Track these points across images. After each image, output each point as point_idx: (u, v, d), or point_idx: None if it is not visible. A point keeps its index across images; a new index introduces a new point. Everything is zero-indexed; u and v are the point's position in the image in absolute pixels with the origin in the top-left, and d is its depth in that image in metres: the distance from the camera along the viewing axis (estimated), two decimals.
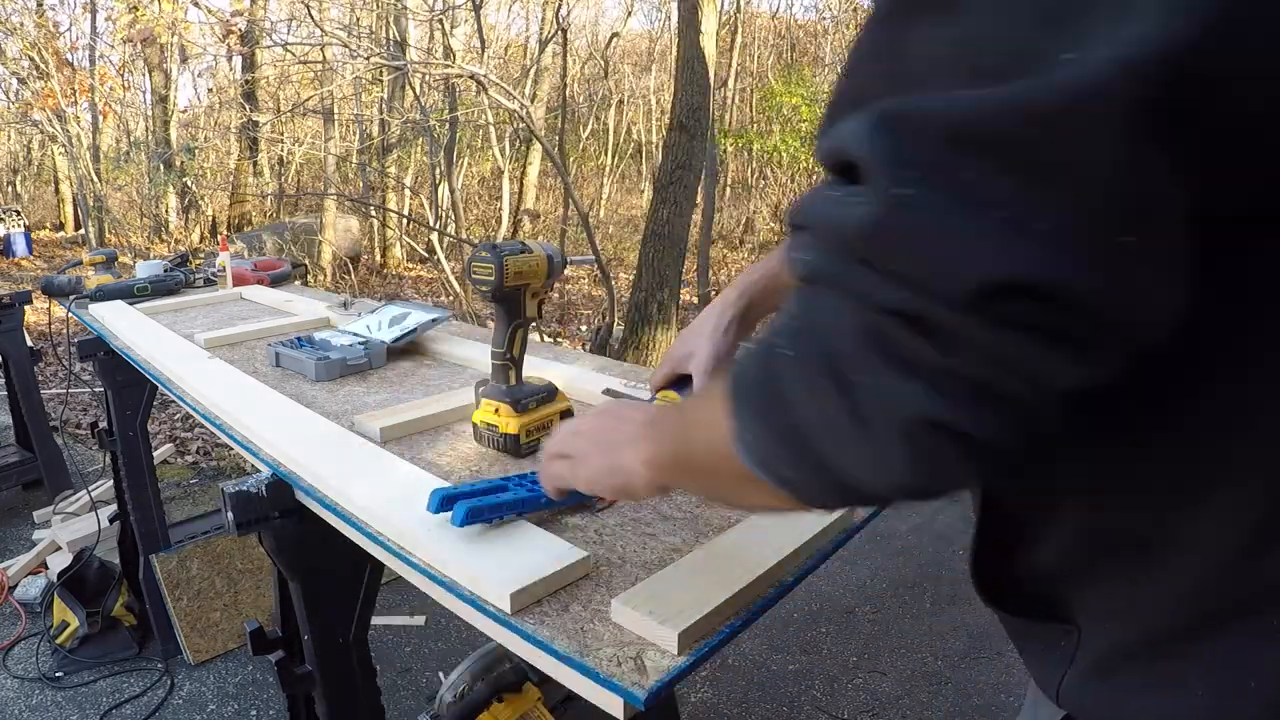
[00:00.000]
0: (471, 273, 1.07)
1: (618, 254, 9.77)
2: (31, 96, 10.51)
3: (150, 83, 11.28)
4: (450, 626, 2.52)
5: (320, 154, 9.96)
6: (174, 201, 11.11)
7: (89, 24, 11.09)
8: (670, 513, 0.95)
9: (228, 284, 2.27)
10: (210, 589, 2.34)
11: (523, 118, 5.32)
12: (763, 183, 12.24)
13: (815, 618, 2.62)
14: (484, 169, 11.64)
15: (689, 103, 4.72)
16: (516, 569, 0.77)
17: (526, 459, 1.11)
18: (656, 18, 14.91)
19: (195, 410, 1.33)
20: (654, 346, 4.79)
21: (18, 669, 2.30)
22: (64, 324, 2.30)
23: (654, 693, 0.64)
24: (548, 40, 8.58)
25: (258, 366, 1.54)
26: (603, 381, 1.38)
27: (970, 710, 2.19)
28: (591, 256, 4.99)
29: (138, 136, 11.87)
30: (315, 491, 0.99)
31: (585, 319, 7.17)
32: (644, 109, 13.76)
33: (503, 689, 1.41)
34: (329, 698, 1.19)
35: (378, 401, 1.34)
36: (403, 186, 9.79)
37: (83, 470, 3.37)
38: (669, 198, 4.74)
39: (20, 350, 3.15)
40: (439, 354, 1.62)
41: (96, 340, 1.97)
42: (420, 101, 6.87)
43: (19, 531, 3.05)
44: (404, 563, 0.85)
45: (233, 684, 2.24)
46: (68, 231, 13.40)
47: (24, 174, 15.23)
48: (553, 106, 10.28)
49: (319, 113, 9.21)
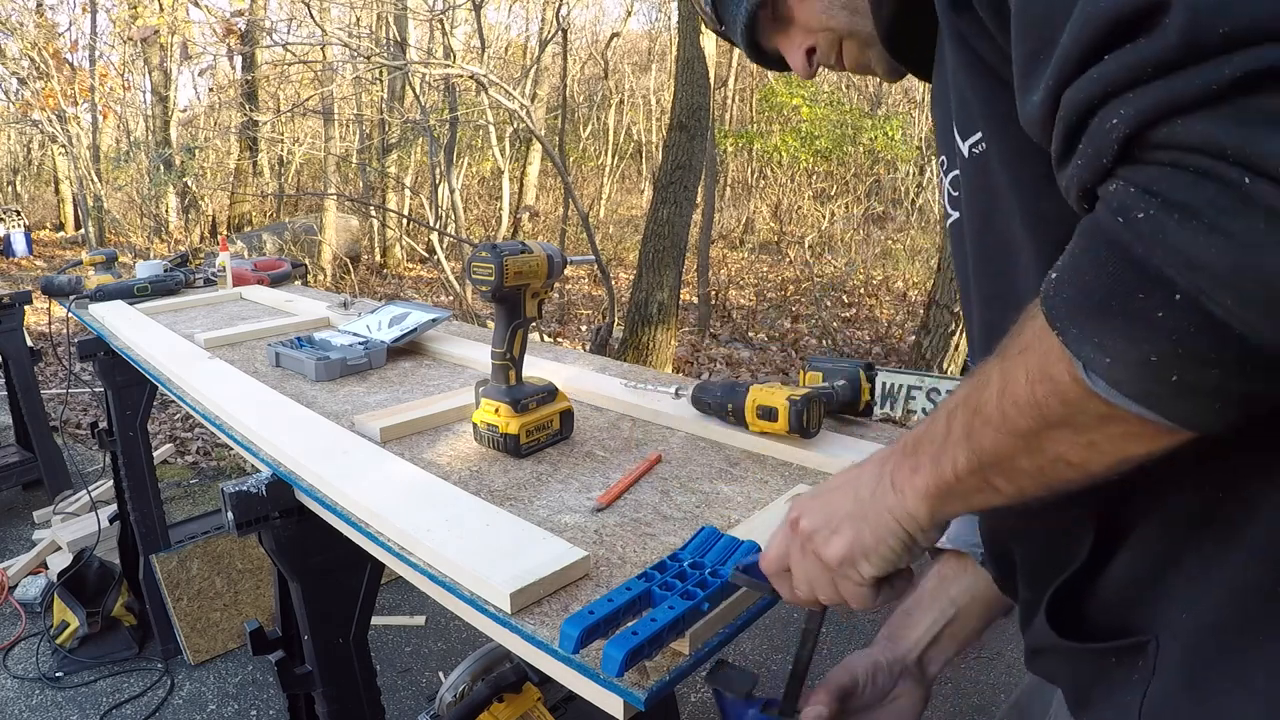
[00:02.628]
0: (471, 273, 1.07)
1: (618, 254, 9.77)
2: (31, 96, 10.51)
3: (150, 82, 11.28)
4: (450, 626, 2.52)
5: (320, 154, 9.97)
6: (174, 201, 11.11)
7: (89, 24, 11.11)
8: (670, 513, 0.95)
9: (228, 284, 2.27)
10: (210, 589, 2.34)
11: (523, 118, 5.32)
12: (763, 183, 12.24)
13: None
14: (484, 169, 11.65)
15: (689, 103, 4.72)
16: (516, 569, 0.77)
17: (526, 458, 1.11)
18: (656, 18, 14.91)
19: (195, 410, 1.33)
20: (654, 346, 4.78)
21: (18, 669, 2.30)
22: (64, 324, 2.30)
23: (654, 693, 0.64)
24: (548, 40, 8.58)
25: (258, 366, 1.54)
26: (603, 381, 1.39)
27: (970, 710, 2.19)
28: (591, 256, 4.99)
29: (138, 136, 11.88)
30: (315, 491, 0.99)
31: (585, 319, 7.17)
32: (644, 109, 13.76)
33: (503, 689, 1.41)
34: (329, 698, 1.19)
35: (378, 401, 1.34)
36: (403, 186, 9.79)
37: (83, 470, 3.37)
38: (669, 198, 4.74)
39: (20, 350, 3.16)
40: (439, 354, 1.62)
41: (96, 340, 1.97)
42: (420, 101, 6.87)
43: (19, 531, 3.05)
44: (404, 563, 0.84)
45: (233, 684, 2.24)
46: (68, 231, 13.40)
47: (24, 174, 15.24)
48: (553, 106, 10.30)
49: (319, 113, 9.21)
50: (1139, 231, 0.39)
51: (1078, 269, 0.42)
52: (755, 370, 5.44)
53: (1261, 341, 0.37)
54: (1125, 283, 0.40)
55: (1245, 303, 0.36)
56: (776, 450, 1.10)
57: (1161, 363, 0.40)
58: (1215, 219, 0.36)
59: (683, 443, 1.17)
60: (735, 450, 1.14)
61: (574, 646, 0.63)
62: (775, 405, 1.08)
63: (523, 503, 0.98)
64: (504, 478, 1.05)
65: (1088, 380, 0.43)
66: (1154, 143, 0.38)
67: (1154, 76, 0.37)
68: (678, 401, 1.27)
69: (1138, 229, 0.39)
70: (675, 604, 0.67)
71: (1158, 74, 0.37)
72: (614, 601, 0.67)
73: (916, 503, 0.56)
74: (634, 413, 1.29)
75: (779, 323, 6.83)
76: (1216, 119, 0.35)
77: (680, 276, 4.97)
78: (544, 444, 1.14)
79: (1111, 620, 0.56)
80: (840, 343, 6.17)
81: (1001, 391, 0.48)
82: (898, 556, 0.61)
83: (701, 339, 6.24)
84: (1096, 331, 0.41)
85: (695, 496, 0.99)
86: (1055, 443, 0.47)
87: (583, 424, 1.24)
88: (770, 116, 11.47)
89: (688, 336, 6.17)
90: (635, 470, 1.04)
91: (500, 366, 1.12)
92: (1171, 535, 0.52)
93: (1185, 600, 0.51)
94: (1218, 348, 0.38)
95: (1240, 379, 0.39)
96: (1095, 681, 0.57)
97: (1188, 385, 0.40)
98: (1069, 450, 0.47)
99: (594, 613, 0.65)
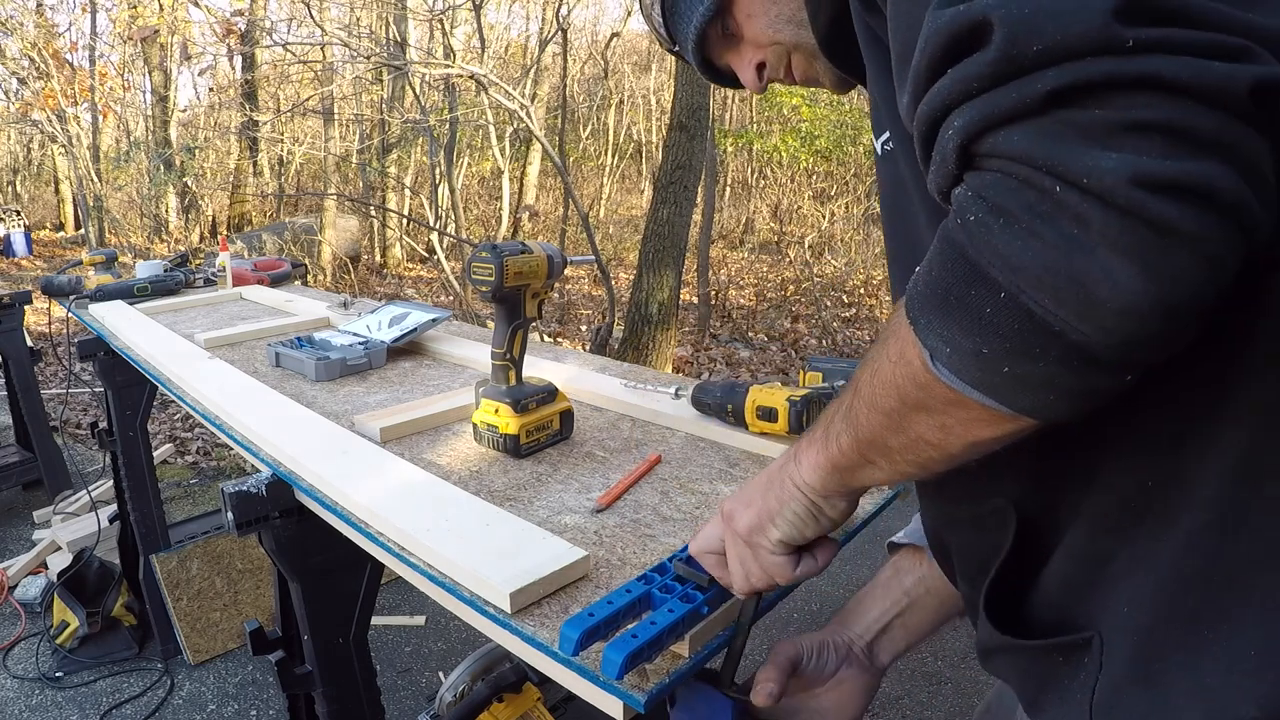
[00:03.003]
0: (471, 273, 1.07)
1: (618, 254, 9.77)
2: (31, 96, 10.51)
3: (150, 82, 11.28)
4: (450, 626, 2.52)
5: (320, 154, 9.96)
6: (174, 201, 11.12)
7: (89, 24, 11.11)
8: (670, 514, 0.95)
9: (228, 284, 2.27)
10: (210, 589, 2.34)
11: (523, 118, 5.32)
12: (763, 183, 12.24)
13: (815, 618, 2.62)
14: (484, 169, 11.64)
15: (689, 103, 4.72)
16: (516, 569, 0.77)
17: (526, 458, 1.11)
18: None
19: (195, 410, 1.33)
20: (654, 346, 4.78)
21: (18, 669, 2.30)
22: (64, 324, 2.30)
23: (654, 696, 0.64)
24: (548, 40, 8.58)
25: (258, 366, 1.54)
26: (603, 381, 1.39)
27: (970, 710, 2.19)
28: (591, 256, 4.98)
29: (138, 136, 11.88)
30: (315, 491, 0.99)
31: (585, 319, 7.17)
32: (644, 109, 13.75)
33: (503, 689, 1.41)
34: (329, 698, 1.19)
35: (378, 401, 1.34)
36: (403, 186, 9.78)
37: (83, 470, 3.37)
38: (669, 198, 4.74)
39: (20, 350, 3.16)
40: (439, 354, 1.62)
41: (96, 340, 1.97)
42: (420, 101, 6.86)
43: (19, 531, 3.05)
44: (404, 563, 0.84)
45: (233, 684, 2.24)
46: (68, 231, 13.40)
47: (24, 174, 15.24)
48: (553, 106, 10.28)
49: (319, 113, 9.21)
50: (971, 233, 0.41)
51: (930, 265, 0.45)
52: (755, 370, 5.44)
53: (1080, 339, 0.39)
54: (961, 280, 0.43)
55: (1061, 303, 0.39)
56: (777, 451, 1.10)
57: (992, 356, 0.43)
58: (1031, 224, 0.38)
59: (682, 443, 1.17)
60: (735, 451, 1.13)
61: (573, 649, 0.63)
62: (775, 406, 1.08)
63: (522, 503, 0.98)
64: (504, 478, 1.05)
65: (933, 367, 0.47)
66: (983, 152, 0.40)
67: (979, 91, 0.40)
68: (677, 402, 1.27)
69: (970, 231, 0.41)
70: (675, 607, 0.67)
71: (983, 88, 0.39)
72: (613, 604, 0.67)
73: (811, 473, 0.61)
74: (634, 413, 1.29)
75: (779, 323, 6.83)
76: (1031, 131, 0.38)
77: (680, 276, 4.97)
78: (544, 444, 1.14)
79: (1052, 616, 0.56)
80: (840, 343, 6.17)
81: (874, 373, 0.52)
82: (803, 523, 0.64)
83: (701, 339, 6.24)
84: (939, 324, 0.45)
85: (695, 497, 0.99)
86: (915, 423, 0.50)
87: (583, 424, 1.24)
88: (770, 116, 11.46)
89: (688, 336, 6.17)
90: (635, 471, 1.04)
91: (500, 367, 1.12)
92: (1104, 527, 0.53)
93: (1126, 594, 0.51)
94: (1041, 344, 0.41)
95: (1069, 374, 0.42)
96: (1045, 681, 0.57)
97: (1018, 377, 0.43)
98: (926, 431, 0.50)
99: (593, 615, 0.65)
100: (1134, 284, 0.36)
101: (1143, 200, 0.35)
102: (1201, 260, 0.36)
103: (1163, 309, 0.37)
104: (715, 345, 6.12)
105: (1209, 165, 0.35)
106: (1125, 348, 0.39)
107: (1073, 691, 0.54)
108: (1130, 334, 0.38)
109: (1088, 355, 0.40)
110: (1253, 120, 0.36)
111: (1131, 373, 0.42)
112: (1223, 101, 0.35)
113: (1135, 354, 0.40)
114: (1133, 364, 0.41)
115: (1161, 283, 0.36)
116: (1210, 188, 0.35)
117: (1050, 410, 0.44)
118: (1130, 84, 0.36)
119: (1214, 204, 0.35)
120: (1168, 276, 0.36)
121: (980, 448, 0.50)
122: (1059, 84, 0.37)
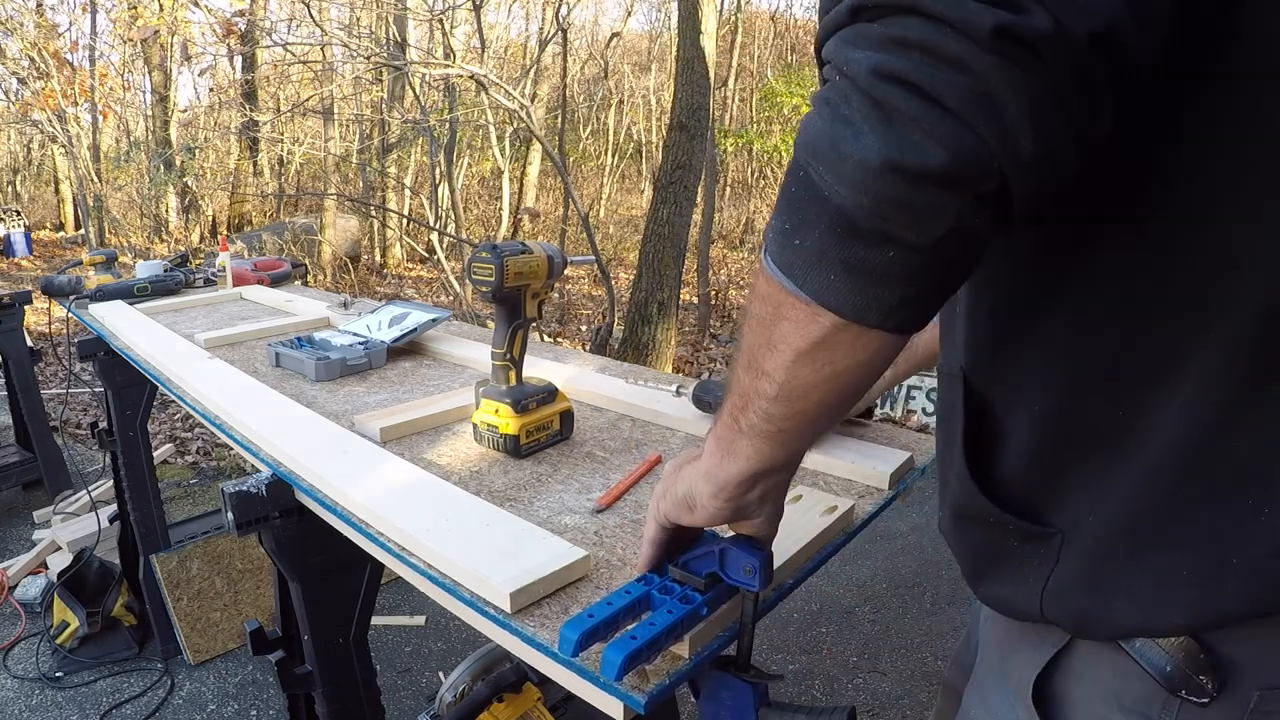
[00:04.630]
0: (471, 273, 1.07)
1: (618, 254, 9.77)
2: (31, 96, 10.51)
3: (150, 82, 11.28)
4: (450, 626, 2.52)
5: (320, 154, 9.96)
6: (174, 201, 11.12)
7: (89, 24, 11.11)
8: None
9: (228, 284, 2.27)
10: (210, 589, 2.34)
11: (523, 118, 5.32)
12: (763, 183, 12.24)
13: (815, 618, 2.62)
14: (484, 169, 11.64)
15: (689, 103, 4.72)
16: (516, 569, 0.77)
17: (526, 459, 1.11)
18: (656, 18, 14.92)
19: (195, 410, 1.33)
20: (654, 346, 4.78)
21: (18, 669, 2.30)
22: (64, 324, 2.30)
23: (654, 697, 0.64)
24: (548, 40, 8.57)
25: (258, 366, 1.54)
26: (603, 381, 1.38)
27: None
28: (591, 256, 4.98)
29: (138, 136, 11.88)
30: (315, 491, 0.99)
31: (585, 319, 7.17)
32: (644, 109, 13.75)
33: (503, 689, 1.41)
34: (329, 698, 1.19)
35: (378, 401, 1.34)
36: (403, 186, 9.78)
37: (83, 470, 3.38)
38: (669, 198, 4.74)
39: (20, 350, 3.16)
40: (439, 354, 1.62)
41: (96, 340, 1.97)
42: (420, 101, 6.86)
43: (19, 531, 3.05)
44: (404, 563, 0.84)
45: (233, 684, 2.24)
46: (68, 231, 13.40)
47: (24, 174, 15.23)
48: (553, 106, 10.28)
49: (319, 113, 9.21)
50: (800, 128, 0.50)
51: None
52: None
53: (839, 201, 0.46)
54: (788, 173, 0.50)
55: (828, 165, 0.46)
56: None
57: (792, 229, 0.50)
58: (822, 108, 0.47)
59: (683, 443, 1.17)
60: None
61: (573, 650, 0.63)
62: None
63: (522, 503, 0.97)
64: (504, 478, 1.05)
65: (763, 260, 0.53)
66: (821, 60, 0.50)
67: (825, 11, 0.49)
68: (678, 401, 1.27)
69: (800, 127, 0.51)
70: (674, 608, 0.67)
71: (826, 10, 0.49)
72: (613, 605, 0.66)
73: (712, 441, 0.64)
74: (634, 413, 1.29)
75: None
76: (836, 39, 0.47)
77: (680, 276, 4.97)
78: (544, 444, 1.14)
79: (1019, 495, 0.61)
80: None
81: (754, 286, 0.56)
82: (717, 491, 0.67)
83: (701, 339, 6.24)
84: (773, 218, 0.52)
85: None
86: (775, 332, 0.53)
87: (583, 424, 1.24)
88: (770, 116, 11.48)
89: (688, 336, 6.17)
90: (635, 471, 1.04)
91: (500, 367, 1.12)
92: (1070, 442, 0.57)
93: (1090, 503, 0.57)
94: (815, 209, 0.48)
95: (835, 244, 0.48)
96: (994, 557, 0.63)
97: (803, 252, 0.49)
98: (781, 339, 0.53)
99: (593, 616, 0.64)
100: (867, 142, 0.44)
101: (872, 84, 0.44)
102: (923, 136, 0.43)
103: (890, 167, 0.44)
104: (715, 345, 6.12)
105: (941, 72, 0.43)
106: (875, 215, 0.45)
107: (1025, 574, 0.60)
108: (876, 194, 0.45)
109: (848, 220, 0.46)
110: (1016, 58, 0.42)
111: (892, 249, 0.47)
112: (967, 32, 0.42)
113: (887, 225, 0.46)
114: (891, 239, 0.46)
115: (887, 145, 0.44)
116: (932, 82, 0.42)
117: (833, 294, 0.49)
118: (903, 9, 0.44)
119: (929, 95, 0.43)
120: (892, 143, 0.44)
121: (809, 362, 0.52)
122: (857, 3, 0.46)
